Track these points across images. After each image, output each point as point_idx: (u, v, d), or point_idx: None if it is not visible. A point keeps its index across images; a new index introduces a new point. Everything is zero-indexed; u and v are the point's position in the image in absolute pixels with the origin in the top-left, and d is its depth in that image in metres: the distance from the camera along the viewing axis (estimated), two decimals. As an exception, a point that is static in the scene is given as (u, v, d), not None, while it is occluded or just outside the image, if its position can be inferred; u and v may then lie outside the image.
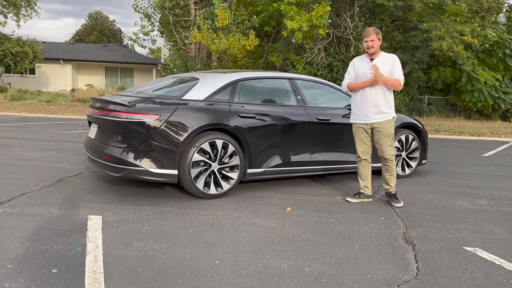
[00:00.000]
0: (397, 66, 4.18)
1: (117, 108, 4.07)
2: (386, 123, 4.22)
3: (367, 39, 4.19)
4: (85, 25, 50.15)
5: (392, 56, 4.25)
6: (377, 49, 4.21)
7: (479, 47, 17.96)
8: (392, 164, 4.32)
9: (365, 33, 4.22)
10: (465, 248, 3.17)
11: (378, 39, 4.19)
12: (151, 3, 19.06)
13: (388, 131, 4.23)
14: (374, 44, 4.17)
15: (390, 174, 4.35)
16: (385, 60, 4.21)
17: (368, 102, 4.22)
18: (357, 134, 4.40)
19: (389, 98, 4.24)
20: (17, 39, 22.21)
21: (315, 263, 2.80)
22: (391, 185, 4.37)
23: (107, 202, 4.00)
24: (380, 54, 4.26)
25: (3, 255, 2.70)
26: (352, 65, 4.41)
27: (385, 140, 4.25)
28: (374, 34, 4.17)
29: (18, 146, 7.15)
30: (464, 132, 13.63)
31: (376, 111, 4.20)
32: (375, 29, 4.24)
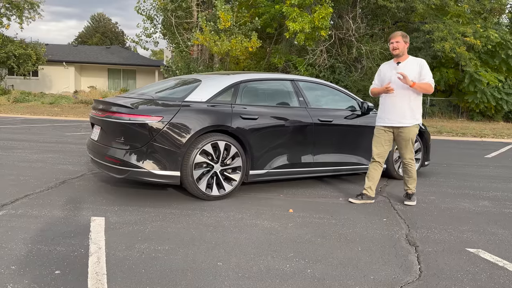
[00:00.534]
0: (426, 69, 4.16)
1: (120, 110, 4.08)
2: (409, 129, 4.23)
3: (392, 40, 4.21)
4: (88, 27, 50.32)
5: (419, 60, 4.23)
6: (403, 52, 4.20)
7: (481, 48, 17.95)
8: (410, 167, 4.38)
9: (391, 35, 4.26)
10: (468, 250, 3.16)
11: (405, 42, 4.18)
12: (153, 5, 19.15)
13: (409, 136, 4.25)
14: (399, 46, 4.16)
15: (409, 176, 4.42)
16: (412, 64, 4.19)
17: (393, 106, 4.24)
18: (377, 135, 4.41)
19: (415, 104, 4.22)
20: (20, 42, 22.32)
21: (317, 264, 2.80)
22: (409, 186, 4.46)
23: (110, 203, 4.01)
24: (408, 58, 4.24)
25: (6, 257, 2.71)
26: (378, 71, 4.49)
27: (405, 144, 4.30)
28: (400, 36, 4.18)
29: (21, 148, 7.18)
30: (466, 134, 13.60)
31: (401, 115, 4.21)
32: (402, 33, 4.25)
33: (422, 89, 4.14)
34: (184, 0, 18.00)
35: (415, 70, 4.15)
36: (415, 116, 4.23)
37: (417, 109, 4.24)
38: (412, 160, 4.38)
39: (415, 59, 4.26)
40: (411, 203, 4.40)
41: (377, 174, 4.45)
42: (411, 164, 4.38)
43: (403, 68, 4.16)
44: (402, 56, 4.23)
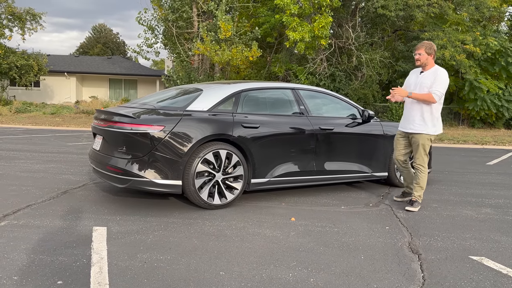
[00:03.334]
0: (438, 80, 4.27)
1: (122, 120, 4.10)
2: (419, 137, 4.42)
3: (415, 52, 4.42)
4: (89, 38, 50.69)
5: (437, 70, 4.35)
6: (424, 63, 4.37)
7: (481, 55, 18.01)
8: (420, 172, 4.49)
9: (416, 46, 4.46)
10: (471, 257, 3.15)
11: (428, 53, 4.34)
12: (154, 16, 19.29)
13: (419, 142, 4.43)
14: (421, 58, 4.35)
15: (416, 183, 4.53)
16: (431, 74, 4.35)
17: (407, 112, 4.53)
18: (396, 140, 4.73)
19: (427, 113, 4.36)
20: (22, 52, 22.46)
21: (320, 273, 2.79)
22: (414, 193, 4.54)
23: (112, 213, 4.01)
24: (431, 68, 4.40)
25: (8, 267, 2.71)
26: (408, 76, 4.73)
27: (416, 150, 4.49)
28: (423, 48, 4.36)
29: (23, 158, 7.19)
30: (468, 141, 13.59)
31: (411, 122, 4.46)
32: (427, 43, 4.40)
33: (421, 99, 4.32)
34: (185, 11, 18.14)
35: (431, 79, 4.32)
36: (425, 125, 4.38)
37: (429, 118, 4.37)
38: (422, 166, 4.49)
39: (436, 69, 4.38)
40: (412, 209, 4.43)
41: (409, 174, 4.74)
42: (422, 170, 4.49)
43: (424, 77, 4.38)
44: (426, 66, 4.40)
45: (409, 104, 4.50)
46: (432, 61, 4.39)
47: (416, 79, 4.48)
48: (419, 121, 4.40)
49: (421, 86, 4.36)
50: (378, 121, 5.50)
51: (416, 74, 4.55)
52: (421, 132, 4.40)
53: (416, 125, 4.42)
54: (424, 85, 4.34)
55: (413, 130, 4.45)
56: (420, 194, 4.52)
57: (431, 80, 4.31)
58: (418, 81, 4.42)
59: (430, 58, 4.38)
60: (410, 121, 4.48)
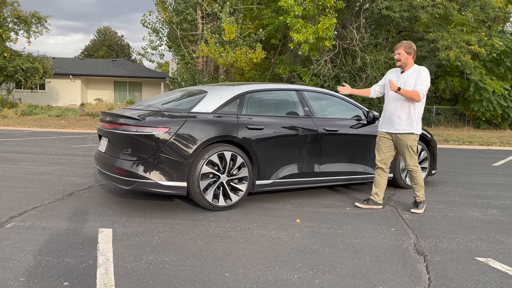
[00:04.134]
0: (421, 78, 4.21)
1: (127, 122, 4.12)
2: (407, 138, 4.31)
3: (395, 51, 4.34)
4: (94, 40, 50.96)
5: (419, 69, 4.30)
6: (405, 62, 4.30)
7: (486, 56, 17.93)
8: (415, 173, 4.42)
9: (395, 46, 4.37)
10: (477, 259, 3.13)
11: (408, 53, 4.27)
12: (159, 18, 19.36)
13: (407, 143, 4.32)
14: (401, 58, 4.28)
15: (415, 183, 4.47)
16: (413, 74, 4.29)
17: (392, 112, 4.38)
18: (378, 142, 4.55)
19: (413, 112, 4.28)
20: (28, 55, 22.61)
21: (325, 274, 2.78)
22: (416, 193, 4.49)
23: (117, 215, 4.03)
24: (412, 67, 4.34)
25: (15, 268, 2.72)
26: (385, 76, 4.65)
27: (405, 151, 4.38)
28: (402, 48, 4.29)
29: (29, 160, 7.23)
30: (473, 142, 13.53)
31: (398, 122, 4.32)
32: (407, 43, 4.33)
33: (408, 96, 4.21)
34: (189, 13, 18.20)
35: (414, 78, 4.25)
36: (412, 124, 4.29)
37: (415, 117, 4.29)
38: (416, 166, 4.41)
39: (418, 68, 4.33)
40: (418, 211, 4.40)
41: (382, 180, 4.55)
42: (416, 171, 4.42)
43: (406, 77, 4.29)
44: (406, 66, 4.33)
45: (394, 103, 4.35)
46: (412, 60, 4.33)
47: (397, 78, 4.38)
48: (406, 120, 4.29)
49: (405, 85, 4.26)
50: None
51: (396, 74, 4.45)
52: (408, 132, 4.30)
53: (403, 125, 4.30)
54: (408, 84, 4.25)
55: (400, 130, 4.32)
56: (422, 193, 4.49)
57: (415, 79, 4.23)
58: (401, 81, 4.32)
59: (410, 58, 4.30)
60: (395, 121, 4.34)
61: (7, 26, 21.78)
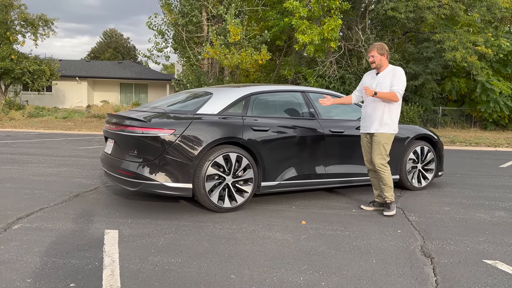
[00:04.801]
0: (397, 78, 4.22)
1: (133, 123, 4.13)
2: (382, 135, 4.29)
3: (368, 54, 4.37)
4: (100, 42, 51.23)
5: (394, 69, 4.32)
6: (379, 64, 4.32)
7: (493, 57, 17.82)
8: (382, 173, 4.33)
9: (368, 49, 4.39)
10: (484, 261, 3.10)
11: (381, 54, 4.30)
12: (164, 20, 19.42)
13: (379, 140, 4.29)
14: (375, 60, 4.31)
15: (383, 184, 4.37)
16: (388, 74, 4.30)
17: (370, 113, 4.37)
18: (362, 144, 4.57)
19: (389, 112, 4.28)
20: (35, 58, 22.78)
21: (332, 277, 2.77)
22: (386, 194, 4.38)
23: (123, 216, 4.04)
24: (387, 68, 4.35)
25: (22, 269, 2.74)
26: (362, 79, 4.63)
27: (375, 149, 4.33)
28: (375, 50, 4.31)
29: (36, 162, 7.28)
30: (480, 143, 13.43)
31: (375, 122, 4.32)
32: (378, 44, 4.36)
33: (385, 98, 4.21)
34: (194, 15, 18.24)
35: (389, 78, 4.26)
36: (386, 123, 4.28)
37: (389, 117, 4.29)
38: (383, 166, 4.32)
39: (393, 68, 4.34)
40: (390, 213, 4.30)
41: (378, 180, 4.52)
42: (383, 170, 4.33)
43: (381, 78, 4.31)
44: (381, 67, 4.35)
45: (372, 104, 4.35)
46: (386, 61, 4.33)
47: (373, 80, 4.40)
48: (386, 119, 4.28)
49: (381, 86, 4.26)
50: None
51: (371, 76, 4.48)
52: (384, 131, 4.29)
53: (382, 124, 4.28)
54: (383, 85, 4.25)
55: (377, 129, 4.31)
56: (392, 194, 4.36)
57: (390, 80, 4.24)
58: (376, 82, 4.33)
59: (383, 59, 4.31)
60: (373, 121, 4.33)
61: (14, 29, 21.97)
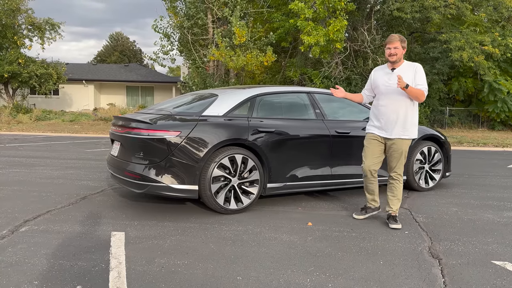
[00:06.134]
0: (421, 75, 3.84)
1: (139, 126, 4.14)
2: (404, 143, 3.89)
3: (390, 45, 3.83)
4: (106, 46, 51.53)
5: (415, 65, 3.90)
6: (400, 58, 3.86)
7: (500, 56, 17.68)
8: (398, 183, 3.97)
9: (389, 39, 3.86)
10: (493, 262, 3.07)
11: (403, 48, 3.85)
12: (170, 23, 19.50)
13: (402, 149, 3.89)
14: (398, 52, 3.82)
15: (393, 195, 4.00)
16: (407, 70, 3.87)
17: (390, 115, 3.88)
18: (369, 145, 4.03)
19: (411, 114, 3.89)
20: (42, 62, 22.95)
21: (338, 278, 2.75)
22: (392, 207, 4.01)
23: (130, 218, 4.05)
24: (403, 63, 3.91)
25: (29, 272, 2.75)
26: (370, 77, 4.15)
27: (396, 158, 3.93)
28: (398, 41, 3.81)
29: (43, 165, 7.33)
30: (488, 143, 13.31)
31: (397, 126, 3.86)
32: (401, 36, 3.88)
33: (414, 94, 3.78)
34: (200, 18, 18.30)
35: (410, 76, 3.84)
36: (410, 128, 3.88)
37: (412, 120, 3.90)
38: (401, 176, 3.96)
39: (411, 64, 3.93)
40: (397, 226, 3.89)
41: (375, 186, 4.12)
42: (399, 180, 3.97)
43: (399, 73, 3.82)
44: (398, 62, 3.90)
45: (393, 105, 3.87)
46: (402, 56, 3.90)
47: (386, 76, 3.91)
48: (409, 124, 3.87)
49: None
50: None
51: (384, 72, 3.97)
52: (407, 137, 3.88)
53: (405, 130, 3.86)
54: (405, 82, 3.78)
55: (400, 135, 3.86)
56: (398, 208, 4.02)
57: (411, 77, 3.82)
58: (393, 79, 3.84)
59: (403, 53, 3.88)
60: (394, 125, 3.86)
61: (21, 33, 22.16)
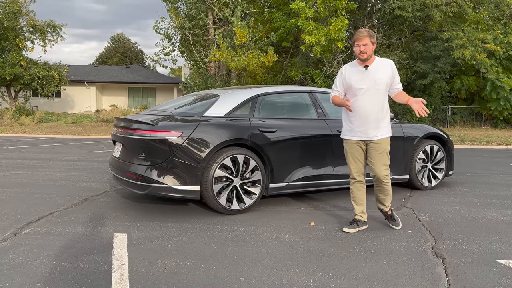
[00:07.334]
0: (397, 73, 3.69)
1: (141, 127, 4.14)
2: (384, 141, 3.69)
3: (359, 43, 3.53)
4: (108, 47, 51.64)
5: (390, 63, 3.68)
6: (370, 55, 3.59)
7: (502, 54, 17.62)
8: (386, 184, 3.73)
9: (357, 36, 3.55)
10: (497, 261, 3.05)
11: (372, 43, 3.56)
12: (171, 24, 19.53)
13: (384, 148, 3.68)
14: (367, 49, 3.53)
15: (384, 195, 3.80)
16: (383, 68, 3.63)
17: (365, 117, 3.64)
18: (350, 151, 3.80)
19: (386, 111, 3.72)
20: (44, 64, 23.03)
21: (342, 278, 2.74)
22: (385, 204, 3.84)
23: (132, 219, 4.05)
24: (375, 60, 3.65)
25: (32, 274, 2.75)
26: (340, 75, 3.79)
27: (379, 159, 3.67)
28: (367, 38, 3.52)
29: (46, 166, 7.34)
30: (491, 141, 13.27)
31: (375, 126, 3.65)
32: (369, 32, 3.58)
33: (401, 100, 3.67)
34: (201, 18, 18.32)
35: (386, 74, 3.62)
36: (386, 125, 3.71)
37: (386, 117, 3.73)
38: (387, 176, 3.72)
39: (385, 60, 3.70)
40: (397, 227, 3.82)
41: (363, 195, 3.87)
42: (387, 181, 3.72)
43: (374, 73, 3.60)
44: (369, 59, 3.62)
45: (366, 102, 3.62)
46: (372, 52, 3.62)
47: (362, 75, 3.63)
48: (382, 123, 3.67)
49: (378, 83, 3.59)
50: (397, 123, 5.40)
51: (357, 70, 3.68)
52: (386, 135, 3.70)
53: (382, 129, 3.67)
54: (381, 82, 3.59)
55: (379, 136, 3.66)
56: (390, 202, 3.86)
57: (389, 75, 3.61)
58: (370, 78, 3.60)
59: (373, 49, 3.60)
60: (372, 126, 3.64)
61: (23, 36, 22.24)
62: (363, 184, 3.87)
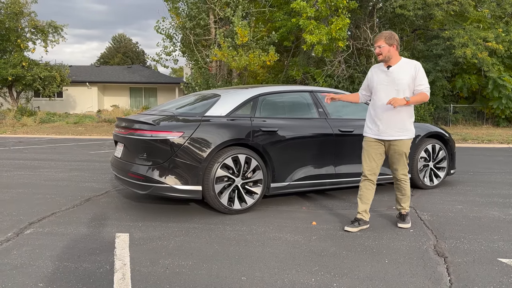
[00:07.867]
0: (421, 75, 3.66)
1: (142, 127, 4.15)
2: (404, 143, 3.73)
3: (375, 44, 3.73)
4: (109, 48, 51.70)
5: (414, 63, 3.71)
6: (388, 56, 3.65)
7: (504, 52, 17.57)
8: (404, 184, 3.85)
9: (375, 38, 3.74)
10: (500, 260, 3.05)
11: (389, 44, 3.63)
12: (172, 24, 19.53)
13: (403, 150, 3.74)
14: (383, 51, 3.63)
15: (402, 194, 3.89)
16: (406, 68, 3.68)
17: (388, 116, 3.69)
18: (367, 149, 3.83)
19: (409, 113, 3.75)
20: (45, 64, 23.07)
21: (343, 278, 2.74)
22: (402, 205, 3.93)
23: (134, 219, 4.05)
24: (400, 61, 3.71)
25: (34, 274, 2.76)
26: (368, 75, 3.97)
27: (398, 160, 3.77)
28: (382, 40, 3.64)
29: (48, 167, 7.35)
30: (493, 140, 13.24)
31: (393, 127, 3.69)
32: (387, 33, 3.68)
33: (419, 101, 3.68)
34: (202, 18, 18.32)
35: (409, 74, 3.65)
36: (408, 128, 3.74)
37: (410, 119, 3.76)
38: (406, 176, 3.83)
39: (410, 61, 3.73)
40: (405, 226, 3.86)
41: (371, 194, 3.87)
42: (405, 180, 3.84)
43: (396, 74, 3.66)
44: (390, 59, 3.69)
45: (389, 106, 3.65)
46: (396, 53, 3.67)
47: (384, 76, 3.72)
48: (408, 124, 3.72)
49: (397, 83, 3.63)
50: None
51: (381, 70, 3.77)
52: (406, 137, 3.72)
53: (403, 130, 3.70)
54: (401, 83, 3.63)
55: (398, 136, 3.69)
56: (408, 204, 3.94)
57: (411, 75, 3.64)
58: (391, 79, 3.67)
59: (393, 50, 3.65)
60: (393, 126, 3.68)
61: (25, 36, 22.29)
62: (373, 184, 3.87)
